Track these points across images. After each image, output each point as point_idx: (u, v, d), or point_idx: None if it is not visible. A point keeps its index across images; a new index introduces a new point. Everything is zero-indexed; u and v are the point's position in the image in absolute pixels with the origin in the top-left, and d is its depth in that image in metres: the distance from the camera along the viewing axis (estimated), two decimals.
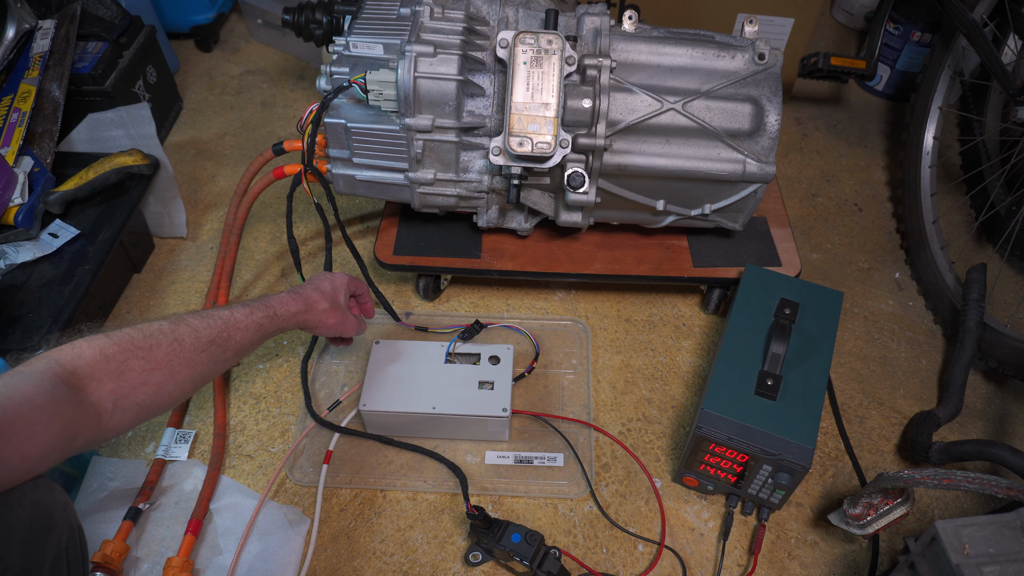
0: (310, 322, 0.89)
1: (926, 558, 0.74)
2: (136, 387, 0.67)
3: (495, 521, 0.88)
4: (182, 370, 0.71)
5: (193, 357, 0.72)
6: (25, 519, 0.57)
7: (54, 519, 0.60)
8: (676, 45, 0.98)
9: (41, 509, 0.59)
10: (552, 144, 0.90)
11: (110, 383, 0.65)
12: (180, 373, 0.71)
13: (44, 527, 0.59)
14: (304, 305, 0.87)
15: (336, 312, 0.91)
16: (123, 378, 0.66)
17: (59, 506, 0.62)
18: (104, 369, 0.65)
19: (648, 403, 1.08)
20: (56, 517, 0.61)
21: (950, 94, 1.31)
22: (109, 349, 0.66)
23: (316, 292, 0.90)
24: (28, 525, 0.57)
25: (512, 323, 1.15)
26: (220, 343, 0.75)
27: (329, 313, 0.90)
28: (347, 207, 1.36)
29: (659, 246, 1.15)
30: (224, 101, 1.61)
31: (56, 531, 0.60)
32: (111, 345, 0.67)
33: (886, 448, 1.05)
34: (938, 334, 1.20)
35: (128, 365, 0.67)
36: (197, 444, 1.02)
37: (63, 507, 0.62)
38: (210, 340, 0.74)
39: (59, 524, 0.61)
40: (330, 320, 0.90)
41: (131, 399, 0.67)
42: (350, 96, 0.96)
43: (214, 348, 0.75)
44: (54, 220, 1.13)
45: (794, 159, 1.52)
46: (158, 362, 0.69)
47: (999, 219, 1.24)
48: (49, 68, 1.24)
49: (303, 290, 0.90)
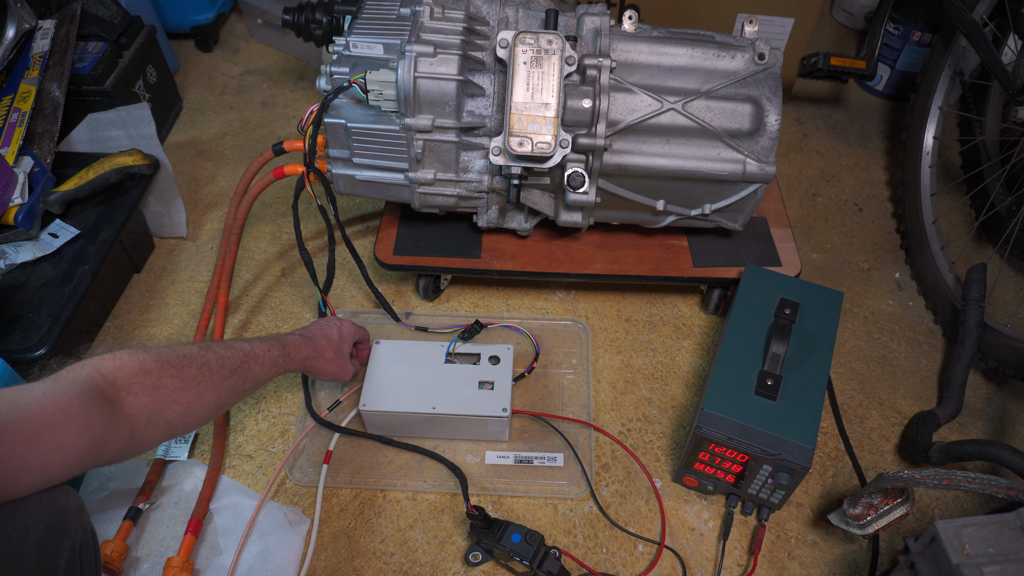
0: (314, 368, 0.94)
1: (926, 558, 0.74)
2: (168, 404, 0.70)
3: (495, 521, 0.88)
4: (208, 393, 0.74)
5: (218, 383, 0.76)
6: (40, 522, 0.58)
7: (68, 522, 0.61)
8: (676, 45, 0.98)
9: (56, 512, 0.60)
10: (552, 144, 0.90)
11: (145, 397, 0.68)
12: (206, 396, 0.74)
13: (59, 530, 0.59)
14: (313, 351, 0.92)
15: (338, 361, 0.96)
16: (157, 394, 0.69)
17: (74, 509, 0.62)
18: (142, 383, 0.68)
19: (648, 403, 1.08)
20: (70, 520, 0.61)
21: (950, 94, 1.31)
22: (148, 364, 0.69)
23: (324, 340, 0.94)
24: (43, 528, 0.58)
25: (512, 323, 1.15)
26: (241, 373, 0.79)
27: (332, 362, 0.95)
28: (347, 207, 1.36)
29: (659, 246, 1.15)
30: (224, 101, 1.61)
31: (70, 534, 0.61)
32: (150, 360, 0.69)
33: (886, 448, 1.05)
34: (938, 334, 1.20)
35: (163, 382, 0.69)
36: (197, 444, 1.02)
37: (77, 510, 0.63)
38: (233, 369, 0.78)
39: (73, 527, 0.61)
40: (331, 368, 0.96)
41: (163, 415, 0.69)
42: (350, 96, 0.96)
43: (236, 377, 0.78)
44: (54, 220, 1.13)
45: (794, 159, 1.52)
46: (188, 382, 0.72)
47: (999, 219, 1.24)
48: (49, 68, 1.24)
49: (313, 335, 0.94)
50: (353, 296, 1.21)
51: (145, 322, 1.17)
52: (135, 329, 1.16)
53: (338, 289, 1.22)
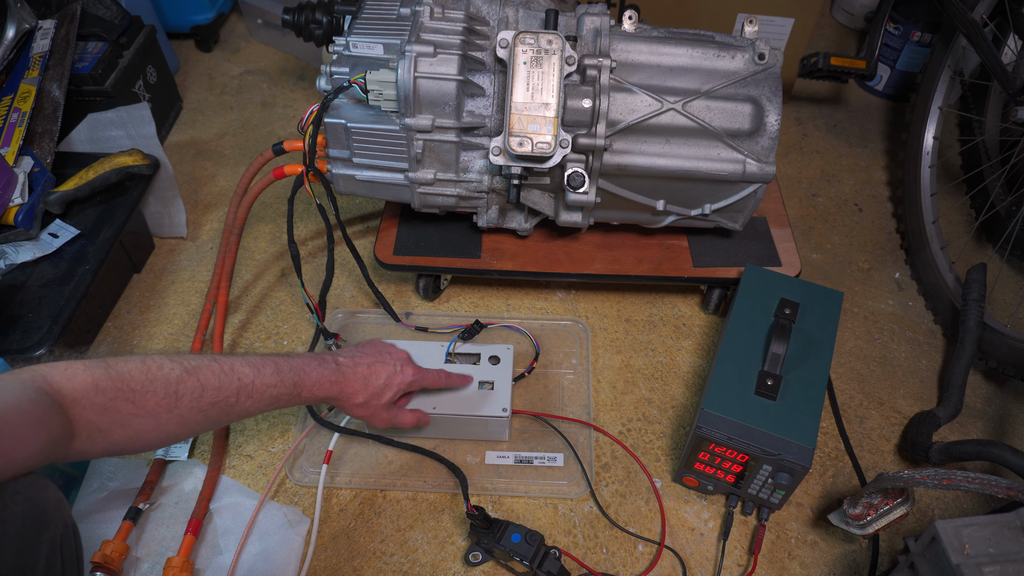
0: (337, 405, 0.85)
1: (926, 558, 0.74)
2: (115, 426, 0.64)
3: (495, 521, 0.88)
4: (169, 424, 0.67)
5: (186, 415, 0.68)
6: (19, 515, 0.57)
7: (47, 516, 0.61)
8: (676, 45, 0.98)
9: (34, 506, 0.59)
10: (552, 144, 0.90)
11: (91, 415, 0.62)
12: (167, 426, 0.67)
13: (38, 523, 0.59)
14: (337, 391, 0.82)
15: (367, 409, 0.85)
16: (106, 416, 0.63)
17: (52, 503, 0.62)
18: (91, 401, 0.62)
19: (648, 403, 1.08)
20: (50, 514, 0.61)
21: (950, 94, 1.31)
22: (103, 382, 0.63)
23: (360, 383, 0.83)
24: (22, 522, 0.57)
25: (512, 323, 1.15)
26: (224, 407, 0.71)
27: (359, 408, 0.84)
28: (347, 207, 1.36)
29: (659, 246, 1.15)
30: (224, 101, 1.61)
31: (50, 527, 0.61)
32: (105, 378, 0.63)
33: (886, 448, 1.05)
34: (938, 334, 1.20)
35: (115, 406, 0.63)
36: (197, 444, 1.02)
37: (56, 504, 0.62)
38: (213, 403, 0.70)
39: (53, 520, 0.61)
40: (358, 413, 0.86)
41: (107, 436, 0.64)
42: (350, 96, 0.96)
43: (214, 410, 0.70)
44: (54, 220, 1.13)
45: (794, 159, 1.52)
46: (146, 410, 0.65)
47: (999, 219, 1.24)
48: (49, 68, 1.24)
49: (346, 374, 0.82)
50: (353, 296, 1.21)
51: (145, 322, 1.17)
52: (135, 329, 1.16)
53: (338, 289, 1.22)
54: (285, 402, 0.77)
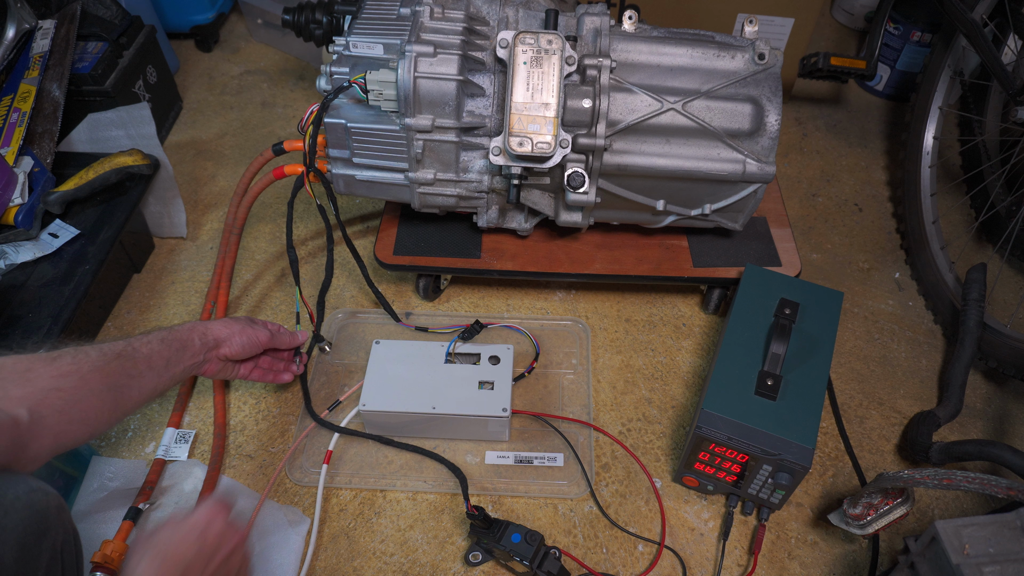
0: (212, 328, 0.88)
1: (926, 558, 0.74)
2: (47, 392, 0.65)
3: (495, 521, 0.88)
4: (92, 377, 0.70)
5: (101, 365, 0.71)
6: (19, 523, 0.57)
7: (48, 522, 0.60)
8: (676, 45, 0.98)
9: (35, 513, 0.59)
10: (552, 144, 0.90)
11: (16, 389, 0.64)
12: (91, 381, 0.70)
13: (38, 531, 0.59)
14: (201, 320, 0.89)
15: (235, 323, 0.91)
16: (29, 382, 0.65)
17: (53, 509, 0.62)
18: (6, 376, 0.64)
19: (648, 403, 1.08)
20: (50, 520, 0.61)
21: (950, 94, 1.31)
22: (7, 360, 0.66)
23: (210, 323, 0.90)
24: (22, 529, 0.57)
25: (512, 323, 1.15)
26: (127, 355, 0.75)
27: (230, 323, 0.90)
28: (347, 207, 1.36)
29: (659, 246, 1.15)
30: (224, 101, 1.61)
31: (50, 534, 0.60)
32: (10, 358, 0.66)
33: (886, 448, 1.05)
34: (938, 334, 1.20)
35: (33, 369, 0.66)
36: (197, 444, 1.02)
37: (57, 510, 0.62)
38: (116, 353, 0.74)
39: (53, 527, 0.61)
40: (232, 326, 0.90)
41: (45, 404, 0.65)
42: (350, 96, 0.96)
43: (123, 360, 0.74)
44: (54, 220, 1.13)
45: (794, 159, 1.52)
46: (64, 370, 0.68)
47: (999, 219, 1.24)
48: (49, 68, 1.24)
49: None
50: (353, 296, 1.21)
51: (145, 322, 1.17)
52: (135, 329, 1.16)
53: (338, 289, 1.22)
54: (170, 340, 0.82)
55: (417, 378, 1.00)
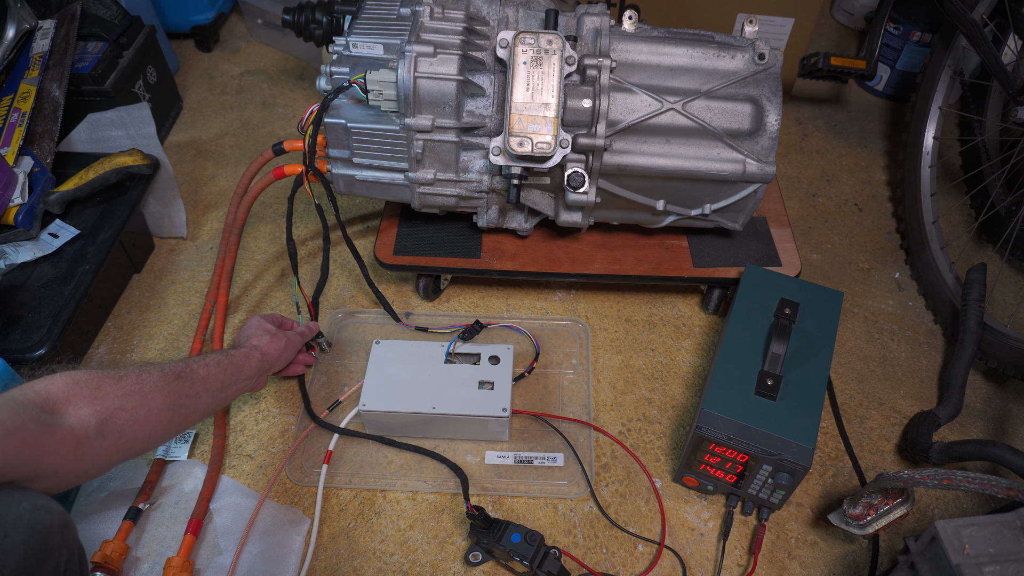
0: (268, 352, 0.93)
1: (926, 558, 0.74)
2: (114, 411, 0.69)
3: (495, 521, 0.88)
4: (154, 396, 0.74)
5: (162, 385, 0.76)
6: (20, 544, 0.56)
7: (51, 543, 0.60)
8: (676, 45, 0.98)
9: (37, 533, 0.58)
10: (552, 144, 0.90)
11: (87, 406, 0.67)
12: (152, 400, 0.74)
13: (40, 553, 0.58)
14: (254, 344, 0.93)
15: (281, 337, 0.96)
16: (98, 401, 0.68)
17: (57, 528, 0.61)
18: (78, 393, 0.67)
19: (648, 403, 1.08)
20: (53, 541, 0.60)
21: (950, 94, 1.31)
22: (79, 376, 0.69)
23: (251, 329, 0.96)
24: (23, 551, 0.57)
25: (512, 323, 1.15)
26: (185, 376, 0.79)
27: (277, 338, 0.96)
28: (347, 207, 1.36)
29: (659, 246, 1.15)
30: (224, 101, 1.61)
31: (53, 556, 0.60)
32: (81, 374, 0.70)
33: (886, 448, 1.05)
34: (938, 334, 1.20)
35: (101, 389, 0.69)
36: (197, 444, 1.02)
37: (61, 528, 0.62)
38: (175, 374, 0.78)
39: (56, 548, 0.60)
40: (280, 343, 0.96)
41: (111, 423, 0.69)
42: (350, 96, 0.96)
43: (182, 380, 0.79)
44: (54, 220, 1.13)
45: (794, 159, 1.52)
46: (129, 389, 0.72)
47: (999, 219, 1.24)
48: (49, 68, 1.24)
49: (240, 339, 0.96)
50: (353, 296, 1.21)
51: (145, 322, 1.17)
52: (135, 329, 1.16)
53: (338, 289, 1.22)
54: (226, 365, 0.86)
55: (417, 378, 1.00)
